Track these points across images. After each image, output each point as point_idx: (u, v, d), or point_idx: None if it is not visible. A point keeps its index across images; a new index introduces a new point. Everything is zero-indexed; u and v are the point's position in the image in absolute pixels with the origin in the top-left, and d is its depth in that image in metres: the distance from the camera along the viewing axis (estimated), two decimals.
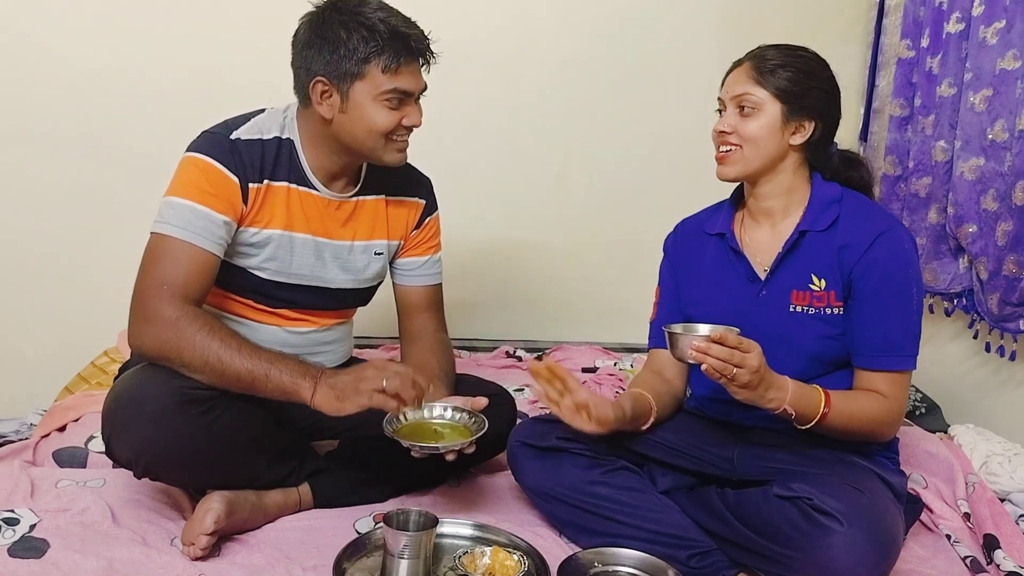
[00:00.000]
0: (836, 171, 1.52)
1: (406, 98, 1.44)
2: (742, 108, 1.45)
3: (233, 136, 1.44)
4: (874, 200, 1.54)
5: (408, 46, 1.41)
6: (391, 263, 1.67)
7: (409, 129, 1.47)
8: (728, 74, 1.51)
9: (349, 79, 1.40)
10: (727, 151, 1.47)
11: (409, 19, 1.44)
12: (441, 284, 1.72)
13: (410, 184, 1.65)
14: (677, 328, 1.34)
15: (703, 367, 1.26)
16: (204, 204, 1.38)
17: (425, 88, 1.48)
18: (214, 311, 1.50)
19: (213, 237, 1.39)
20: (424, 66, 1.47)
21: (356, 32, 1.38)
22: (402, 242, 1.66)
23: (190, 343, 1.30)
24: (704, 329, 1.33)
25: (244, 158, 1.43)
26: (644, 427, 1.48)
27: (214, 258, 1.40)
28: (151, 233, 1.39)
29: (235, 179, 1.41)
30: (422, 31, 1.45)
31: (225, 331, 1.34)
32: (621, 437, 1.48)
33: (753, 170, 1.47)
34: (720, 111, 1.50)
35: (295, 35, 1.45)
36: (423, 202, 1.66)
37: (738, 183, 1.55)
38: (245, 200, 1.43)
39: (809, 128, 1.46)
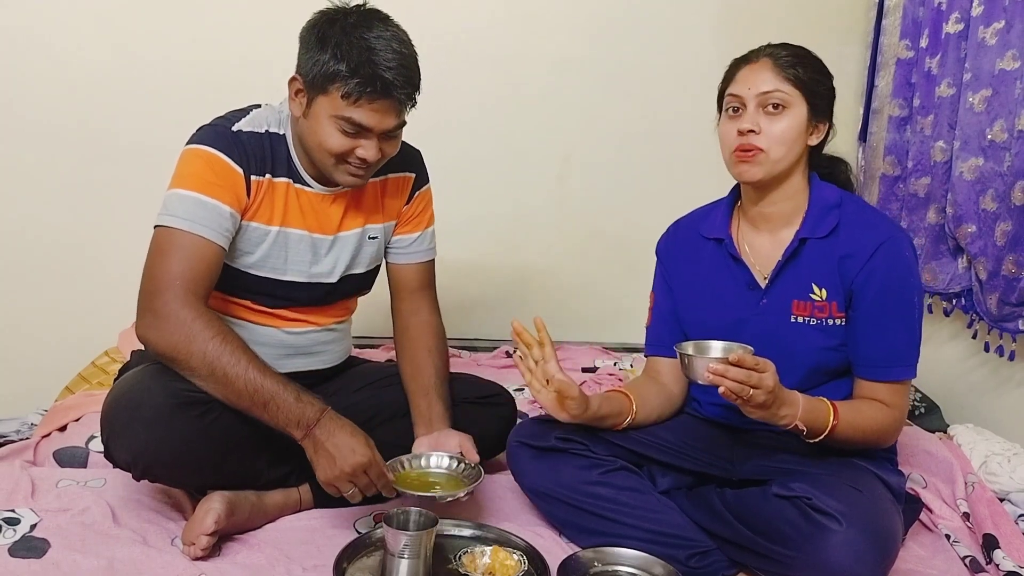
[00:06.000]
0: (820, 169, 1.49)
1: (363, 130, 1.36)
2: (767, 106, 1.37)
3: (235, 128, 1.42)
4: (855, 194, 1.51)
5: (375, 83, 1.31)
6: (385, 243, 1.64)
7: (364, 160, 1.39)
8: (738, 71, 1.42)
9: (316, 88, 1.35)
10: (750, 152, 1.38)
11: (406, 62, 1.34)
12: (434, 260, 1.67)
13: (400, 159, 1.56)
14: (688, 348, 1.28)
15: (720, 390, 1.20)
16: (211, 195, 1.36)
17: (400, 125, 1.40)
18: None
19: (220, 229, 1.37)
20: (408, 105, 1.39)
21: (335, 48, 1.31)
22: (396, 221, 1.63)
23: (200, 350, 1.29)
24: (717, 348, 1.28)
25: (248, 150, 1.41)
26: (620, 426, 1.45)
27: (221, 251, 1.38)
28: (156, 227, 1.37)
29: (239, 170, 1.40)
30: (408, 77, 1.34)
31: (236, 344, 1.32)
32: (620, 437, 1.48)
33: (779, 172, 1.40)
34: (735, 109, 1.41)
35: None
36: (412, 175, 1.61)
37: (736, 183, 1.52)
38: (248, 192, 1.41)
39: (823, 129, 1.43)
